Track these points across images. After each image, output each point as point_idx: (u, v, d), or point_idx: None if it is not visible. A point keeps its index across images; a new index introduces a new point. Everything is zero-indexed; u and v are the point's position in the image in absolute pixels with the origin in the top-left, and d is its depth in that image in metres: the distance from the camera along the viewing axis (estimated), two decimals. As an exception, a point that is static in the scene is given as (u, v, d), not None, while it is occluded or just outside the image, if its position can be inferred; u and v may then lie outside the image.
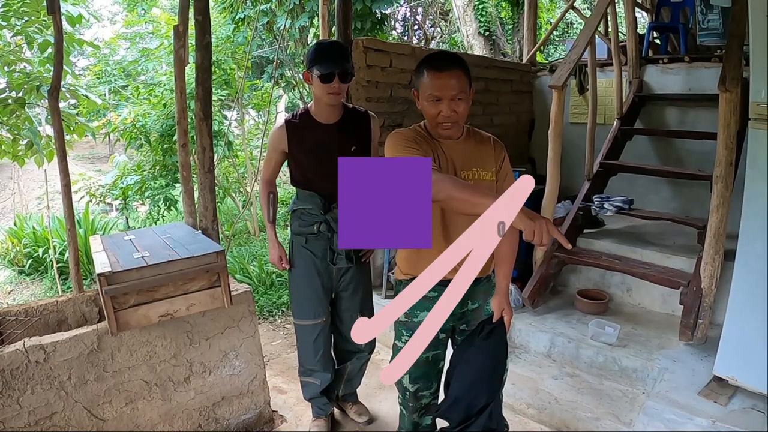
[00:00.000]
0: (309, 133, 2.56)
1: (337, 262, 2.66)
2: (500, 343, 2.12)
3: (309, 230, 2.65)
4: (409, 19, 13.18)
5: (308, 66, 2.44)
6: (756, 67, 2.56)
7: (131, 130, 6.23)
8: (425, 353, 2.21)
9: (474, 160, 2.04)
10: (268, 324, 4.60)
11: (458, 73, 1.91)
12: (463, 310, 2.21)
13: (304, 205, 2.65)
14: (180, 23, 3.02)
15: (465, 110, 1.96)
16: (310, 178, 2.61)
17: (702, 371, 3.03)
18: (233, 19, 6.76)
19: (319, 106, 2.55)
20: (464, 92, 1.93)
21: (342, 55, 2.44)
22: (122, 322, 2.38)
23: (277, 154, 2.64)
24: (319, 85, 2.43)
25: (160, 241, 2.77)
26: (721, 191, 3.13)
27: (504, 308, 2.12)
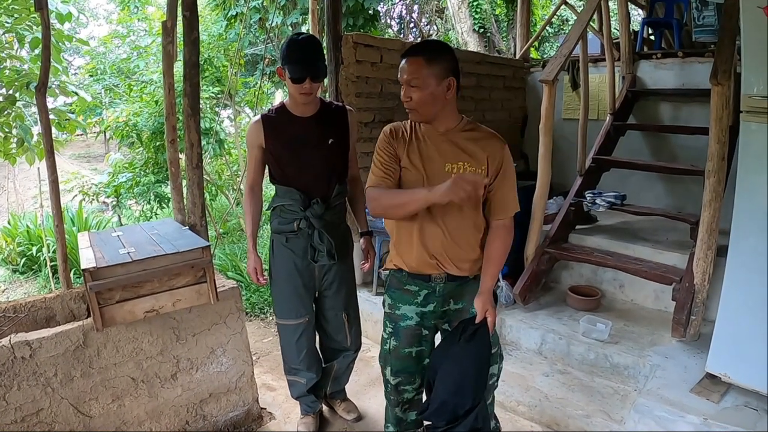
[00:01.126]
0: (285, 127, 2.54)
1: (319, 259, 2.62)
2: (483, 346, 2.08)
3: (289, 228, 2.62)
4: (405, 17, 13.18)
5: (281, 62, 2.42)
6: (748, 59, 2.54)
7: (123, 128, 6.21)
8: (408, 348, 2.23)
9: (462, 154, 2.03)
10: (259, 321, 4.58)
11: (415, 59, 1.96)
12: (445, 308, 2.20)
13: (283, 201, 2.61)
14: (168, 19, 3.02)
15: (420, 98, 1.97)
16: (288, 172, 2.58)
17: (694, 368, 3.01)
18: (225, 16, 6.75)
19: (294, 101, 2.53)
20: (418, 79, 1.95)
21: (313, 55, 2.40)
22: (107, 317, 2.39)
23: (256, 150, 2.60)
24: (291, 84, 2.42)
25: (147, 237, 2.76)
26: (714, 186, 3.11)
27: (488, 309, 2.08)
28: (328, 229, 2.60)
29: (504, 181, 2.05)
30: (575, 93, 5.48)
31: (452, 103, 2.04)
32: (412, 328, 2.22)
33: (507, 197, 2.07)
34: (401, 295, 2.22)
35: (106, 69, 7.54)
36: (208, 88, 6.41)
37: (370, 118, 4.31)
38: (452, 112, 2.06)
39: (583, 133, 4.34)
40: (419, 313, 2.20)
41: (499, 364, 2.31)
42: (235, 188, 7.53)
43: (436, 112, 2.01)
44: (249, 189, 2.71)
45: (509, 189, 2.07)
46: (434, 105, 1.99)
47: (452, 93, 2.00)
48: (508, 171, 2.06)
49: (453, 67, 1.99)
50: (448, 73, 1.97)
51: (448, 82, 1.97)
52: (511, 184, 2.07)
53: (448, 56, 1.99)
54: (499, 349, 2.28)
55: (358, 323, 2.95)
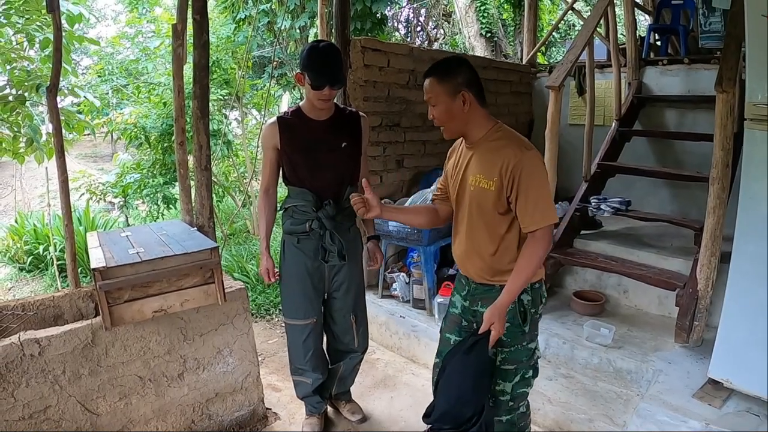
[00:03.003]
0: (301, 129, 2.59)
1: (329, 259, 2.67)
2: (481, 360, 2.07)
3: (301, 228, 2.66)
4: (412, 21, 13.21)
5: (301, 68, 2.46)
6: (752, 67, 2.55)
7: (131, 130, 6.25)
8: (449, 333, 2.36)
9: (480, 167, 2.06)
10: (265, 322, 4.61)
11: (429, 80, 2.06)
12: (475, 308, 2.24)
13: (295, 202, 2.65)
14: (178, 22, 3.05)
15: (440, 115, 2.06)
16: (301, 174, 2.62)
17: (697, 373, 3.02)
18: (234, 19, 6.79)
19: (311, 105, 2.57)
20: (433, 98, 2.04)
21: (334, 64, 2.45)
22: (116, 316, 2.40)
23: (271, 151, 2.64)
24: (311, 90, 2.46)
25: (155, 238, 2.78)
26: (718, 192, 3.12)
27: (494, 323, 2.03)
28: (339, 231, 2.65)
29: (521, 192, 1.97)
30: (581, 99, 5.50)
31: (475, 115, 2.05)
32: (455, 315, 2.34)
33: (525, 208, 1.98)
34: (458, 284, 2.37)
35: (114, 70, 7.58)
36: (216, 90, 6.44)
37: (377, 122, 4.35)
38: (478, 123, 2.07)
39: (589, 139, 4.36)
40: (462, 305, 2.31)
41: (515, 382, 2.22)
42: (242, 190, 7.57)
43: (461, 126, 2.07)
44: (264, 191, 2.75)
45: (527, 200, 1.97)
46: (455, 120, 2.05)
47: (469, 106, 2.01)
48: (525, 182, 1.96)
49: (466, 80, 2.01)
50: (459, 87, 2.00)
51: (462, 97, 2.00)
52: (531, 196, 1.97)
53: (460, 70, 2.02)
54: (522, 370, 2.22)
55: (365, 325, 2.98)
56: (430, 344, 3.71)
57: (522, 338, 2.16)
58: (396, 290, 4.29)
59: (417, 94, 4.66)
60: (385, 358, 3.88)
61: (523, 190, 1.97)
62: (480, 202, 2.07)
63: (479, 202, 2.08)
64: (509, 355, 2.17)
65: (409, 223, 2.69)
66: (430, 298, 3.99)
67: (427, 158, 4.89)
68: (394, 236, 4.10)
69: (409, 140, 4.71)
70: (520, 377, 2.22)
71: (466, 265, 2.22)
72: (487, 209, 2.06)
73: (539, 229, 2.00)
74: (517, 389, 2.22)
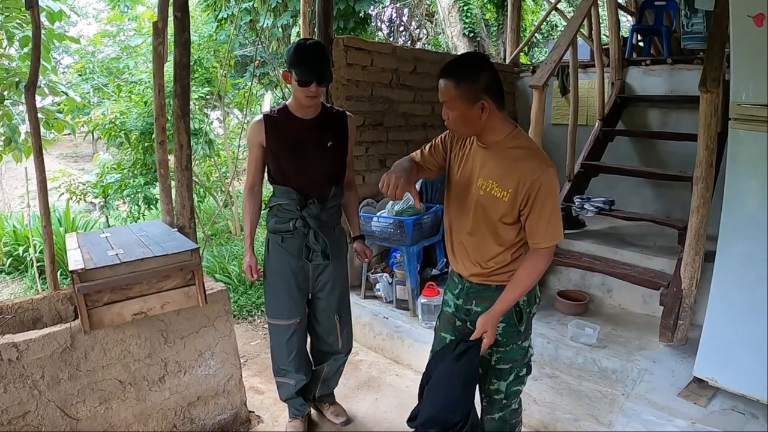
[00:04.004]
0: (287, 127, 2.56)
1: (313, 258, 2.64)
2: (471, 367, 2.05)
3: (285, 227, 2.64)
4: (395, 21, 13.21)
5: (288, 66, 2.45)
6: (737, 67, 2.56)
7: (111, 128, 6.16)
8: (444, 332, 2.31)
9: (494, 173, 1.98)
10: (247, 324, 4.56)
11: (443, 81, 1.92)
12: (468, 307, 2.20)
13: (280, 200, 2.63)
14: (159, 20, 3.01)
15: (454, 119, 1.95)
16: (286, 172, 2.60)
17: (682, 372, 3.03)
18: (216, 18, 6.73)
19: (298, 103, 2.55)
20: (449, 102, 1.93)
21: (321, 59, 2.44)
22: (95, 320, 2.36)
23: (257, 148, 2.62)
24: (298, 87, 2.44)
25: (135, 239, 2.74)
26: (702, 192, 3.13)
27: (486, 331, 2.01)
28: (323, 230, 2.63)
29: (535, 208, 1.92)
30: (564, 98, 5.50)
31: (493, 120, 1.94)
32: (449, 314, 2.30)
33: (536, 225, 1.94)
34: (450, 283, 2.32)
35: (95, 68, 7.48)
36: (197, 88, 6.38)
37: (360, 121, 4.31)
38: (495, 128, 1.97)
39: (572, 139, 4.36)
40: (455, 304, 2.26)
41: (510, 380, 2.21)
42: (223, 190, 7.51)
43: (476, 131, 1.99)
44: (249, 189, 2.73)
45: (539, 218, 1.92)
46: (470, 126, 1.96)
47: (488, 114, 1.89)
48: (541, 200, 1.90)
49: (486, 86, 1.88)
50: (479, 95, 1.87)
51: (481, 105, 1.87)
52: (545, 214, 1.92)
53: (480, 76, 1.88)
54: (517, 369, 2.20)
55: (350, 326, 2.95)
56: (414, 345, 3.70)
57: (517, 337, 2.15)
58: (379, 291, 4.26)
59: (400, 94, 4.65)
60: (368, 360, 3.85)
61: (538, 208, 1.91)
62: (487, 207, 2.01)
63: (486, 207, 2.01)
64: (504, 354, 2.15)
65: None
66: (413, 298, 3.97)
67: (411, 158, 4.85)
68: (377, 236, 4.08)
69: (392, 140, 4.68)
70: (514, 376, 2.21)
71: (462, 263, 2.17)
72: (493, 216, 2.00)
73: (546, 247, 1.98)
74: (512, 387, 2.21)
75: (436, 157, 2.21)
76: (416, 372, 3.58)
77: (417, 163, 2.18)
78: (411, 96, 4.77)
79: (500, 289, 2.08)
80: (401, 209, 3.92)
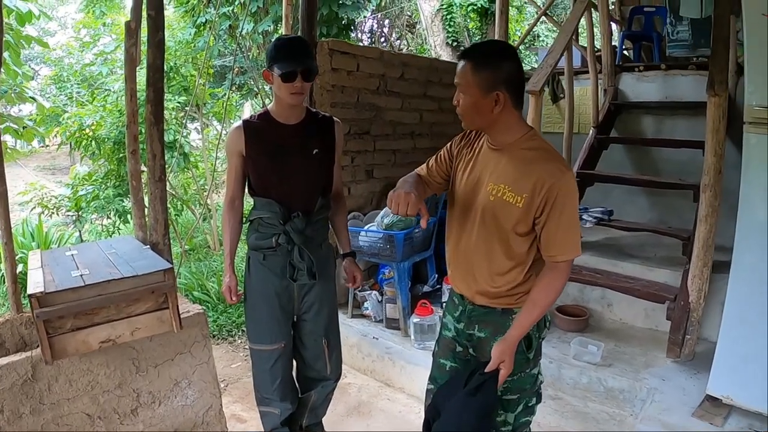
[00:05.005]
0: (268, 134, 2.35)
1: (298, 278, 2.41)
2: (488, 401, 1.85)
3: (267, 243, 2.41)
4: (375, 31, 13.14)
5: (269, 64, 2.25)
6: (751, 67, 2.43)
7: (81, 137, 5.91)
8: (443, 359, 2.13)
9: (507, 176, 1.80)
10: (227, 345, 4.31)
11: (464, 63, 1.76)
12: (470, 332, 2.02)
13: (261, 214, 2.40)
14: (132, 20, 2.83)
15: (464, 105, 1.79)
16: (268, 183, 2.39)
17: (693, 390, 2.89)
18: (194, 23, 6.53)
19: (281, 106, 2.35)
20: (463, 85, 1.76)
21: (304, 51, 2.25)
22: (58, 348, 2.16)
23: (236, 157, 2.40)
24: (281, 84, 2.23)
25: (103, 258, 2.54)
26: (710, 200, 2.99)
27: (504, 361, 1.82)
28: (308, 246, 2.40)
29: (552, 216, 1.75)
30: (555, 106, 5.39)
31: (506, 117, 1.79)
32: (448, 339, 2.12)
33: (553, 236, 1.77)
34: (449, 304, 2.15)
35: (69, 77, 7.27)
36: (173, 97, 6.16)
37: (345, 129, 4.11)
38: (508, 126, 1.81)
39: (568, 146, 4.22)
40: (455, 327, 2.08)
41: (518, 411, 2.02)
42: (201, 203, 7.29)
43: (485, 123, 1.81)
44: (229, 202, 2.51)
45: (557, 227, 1.76)
46: (479, 117, 1.79)
47: (501, 107, 1.75)
48: (560, 206, 1.74)
49: (506, 77, 1.74)
50: (496, 85, 1.72)
51: (495, 96, 1.73)
52: (563, 223, 1.76)
53: (502, 65, 1.75)
54: (526, 398, 2.02)
55: (338, 350, 2.72)
56: (406, 367, 3.50)
57: (526, 365, 1.95)
58: (368, 309, 4.06)
59: (387, 101, 4.48)
60: (357, 383, 3.64)
61: (556, 216, 1.74)
62: (498, 215, 1.82)
63: (497, 215, 1.82)
64: (512, 384, 1.94)
65: None
66: (404, 317, 3.77)
67: (397, 168, 4.68)
68: (365, 252, 3.88)
69: (379, 149, 4.51)
70: (523, 406, 2.01)
71: (465, 282, 1.98)
72: (505, 225, 1.81)
73: (564, 261, 1.80)
74: (521, 418, 2.01)
75: (443, 167, 2.04)
76: (409, 396, 3.41)
77: (423, 178, 2.02)
78: (399, 103, 4.60)
79: (506, 314, 1.92)
80: (391, 222, 3.73)
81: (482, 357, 1.97)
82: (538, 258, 1.86)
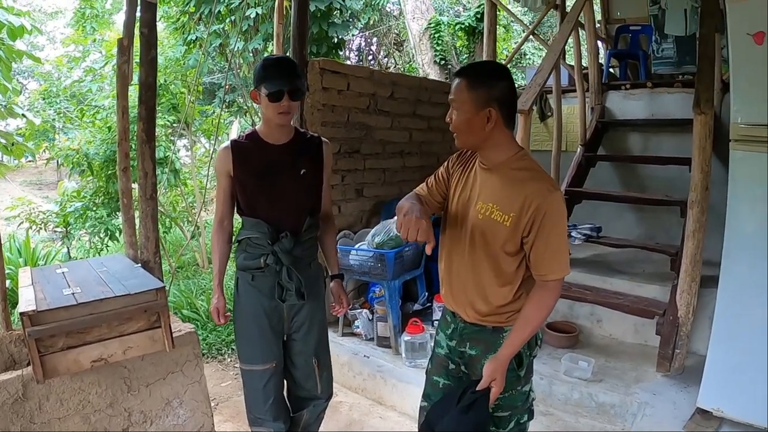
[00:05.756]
0: (256, 154, 2.35)
1: (287, 298, 2.39)
2: (480, 421, 1.86)
3: (255, 264, 2.39)
4: (363, 50, 13.22)
5: (256, 84, 2.25)
6: (737, 86, 2.49)
7: (74, 156, 5.88)
8: (437, 376, 2.13)
9: (496, 195, 1.83)
10: (217, 363, 4.28)
11: (459, 81, 1.81)
12: (462, 349, 2.03)
13: (249, 234, 2.39)
14: (125, 37, 2.82)
15: (457, 122, 1.82)
16: (256, 203, 2.37)
17: (683, 403, 2.90)
18: (185, 41, 6.54)
19: (269, 127, 2.35)
20: (457, 102, 1.81)
21: (291, 70, 2.25)
22: (49, 367, 2.15)
23: (224, 178, 2.39)
24: (268, 104, 2.23)
25: (94, 276, 2.52)
26: (697, 216, 3.03)
27: (495, 379, 1.83)
28: (297, 267, 2.39)
29: (540, 235, 1.77)
30: (543, 124, 5.42)
31: (497, 136, 1.82)
32: (441, 357, 2.13)
33: (542, 255, 1.79)
34: (442, 321, 2.16)
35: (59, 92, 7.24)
36: (163, 115, 6.15)
37: (335, 148, 4.15)
38: (499, 145, 1.84)
39: (556, 164, 4.26)
40: (447, 345, 2.09)
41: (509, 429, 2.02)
42: (190, 220, 7.26)
43: (476, 141, 1.84)
44: (218, 223, 2.49)
45: (546, 247, 1.78)
46: (472, 134, 1.81)
47: (493, 125, 1.78)
48: (549, 225, 1.76)
49: (498, 96, 1.78)
50: (488, 102, 1.76)
51: (487, 113, 1.76)
52: (552, 242, 1.78)
53: (497, 83, 1.79)
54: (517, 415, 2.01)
55: (329, 369, 2.69)
56: (397, 385, 3.49)
57: (517, 383, 1.95)
58: (358, 328, 4.04)
59: (378, 120, 4.51)
60: (348, 401, 3.62)
61: (544, 235, 1.76)
62: (486, 234, 1.84)
63: (485, 233, 1.84)
64: (504, 401, 1.94)
65: None
66: (395, 335, 3.76)
67: (387, 187, 4.71)
68: (355, 271, 3.88)
69: (369, 168, 4.53)
70: (515, 423, 2.00)
71: (457, 300, 1.99)
72: (493, 244, 1.83)
73: (554, 280, 1.82)
74: None
75: (441, 186, 2.06)
76: (401, 414, 3.39)
77: (423, 198, 2.03)
78: (388, 122, 4.63)
79: (497, 332, 1.93)
80: (382, 241, 3.73)
81: (474, 374, 1.98)
82: (528, 277, 1.88)
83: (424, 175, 2.16)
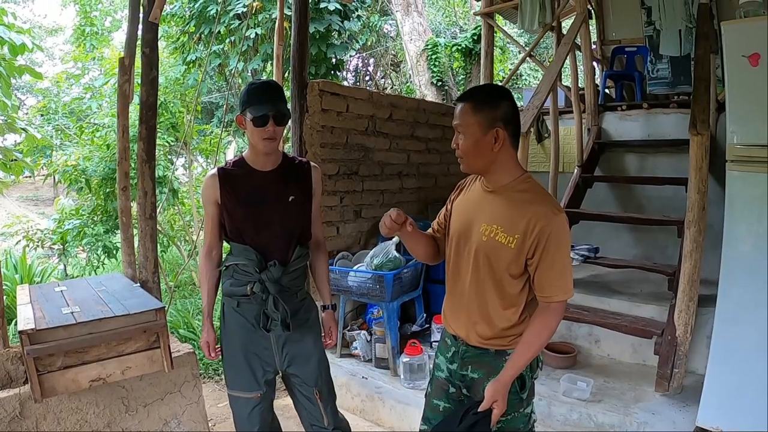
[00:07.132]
0: (243, 180, 2.32)
1: (272, 328, 2.34)
2: None
3: (241, 291, 2.35)
4: (360, 70, 13.31)
5: (241, 109, 2.24)
6: (732, 107, 2.52)
7: (72, 173, 5.89)
8: (437, 400, 2.12)
9: (501, 217, 1.84)
10: (214, 384, 4.25)
11: (463, 105, 1.84)
12: (464, 372, 2.02)
13: (237, 260, 2.35)
14: (126, 56, 2.84)
15: (465, 146, 1.84)
16: (244, 230, 2.34)
17: (683, 423, 2.88)
18: (184, 60, 6.59)
19: (255, 153, 2.32)
20: (463, 126, 1.83)
21: (276, 95, 2.25)
22: (48, 386, 2.14)
23: (212, 206, 2.36)
24: (253, 129, 2.21)
25: (93, 295, 2.51)
26: (695, 236, 3.04)
27: (497, 401, 1.82)
28: (283, 296, 2.34)
29: (545, 257, 1.77)
30: (540, 146, 5.48)
31: (505, 157, 1.84)
32: (441, 380, 2.12)
33: (546, 277, 1.80)
34: (441, 344, 2.15)
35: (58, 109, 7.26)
36: (162, 135, 6.18)
37: (334, 170, 4.17)
38: (505, 167, 1.86)
39: (553, 186, 4.29)
40: (448, 368, 2.08)
41: None
42: (188, 240, 7.25)
43: (484, 164, 1.86)
44: (206, 253, 2.45)
45: (550, 268, 1.78)
46: (480, 156, 1.83)
47: (501, 145, 1.80)
48: (553, 247, 1.76)
49: (503, 116, 1.80)
50: (494, 123, 1.79)
51: (495, 133, 1.78)
52: (556, 264, 1.78)
53: (500, 104, 1.82)
54: None
55: (333, 400, 2.59)
56: (396, 407, 3.48)
57: (519, 405, 1.94)
58: (356, 349, 4.02)
59: (376, 141, 4.54)
60: (347, 422, 3.59)
61: (548, 257, 1.77)
62: (491, 255, 1.85)
63: (489, 255, 1.85)
64: (506, 423, 1.93)
65: (412, 249, 2.23)
66: (394, 357, 3.75)
67: (385, 208, 4.62)
68: (354, 292, 3.89)
69: (367, 189, 4.55)
70: None
71: (460, 322, 1.99)
72: (498, 266, 1.84)
73: (557, 302, 1.82)
74: None
75: (448, 223, 2.08)
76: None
77: (436, 239, 2.12)
78: (387, 144, 4.66)
79: (500, 355, 1.93)
80: (380, 263, 3.74)
81: (476, 397, 1.97)
82: (532, 299, 1.88)
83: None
